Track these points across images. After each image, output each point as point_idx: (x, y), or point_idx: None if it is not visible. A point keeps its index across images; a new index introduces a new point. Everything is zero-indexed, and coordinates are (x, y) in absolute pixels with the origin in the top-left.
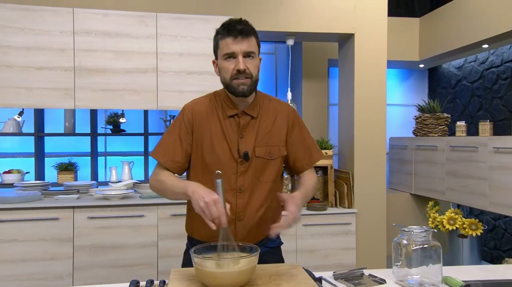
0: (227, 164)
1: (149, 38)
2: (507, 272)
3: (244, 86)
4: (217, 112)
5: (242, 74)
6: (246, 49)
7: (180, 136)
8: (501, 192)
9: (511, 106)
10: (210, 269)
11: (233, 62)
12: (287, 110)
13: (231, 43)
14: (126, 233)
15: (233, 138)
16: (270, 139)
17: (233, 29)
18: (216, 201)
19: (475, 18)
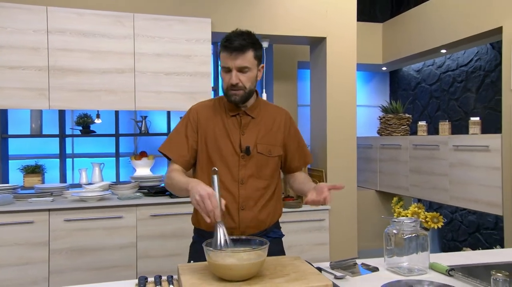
0: (230, 158)
1: (126, 38)
2: (480, 257)
3: (236, 97)
4: (220, 113)
5: (234, 87)
6: (239, 65)
7: (186, 133)
8: (460, 186)
9: (466, 107)
10: (226, 262)
11: (229, 75)
12: (284, 115)
13: (227, 58)
14: (104, 235)
15: (235, 135)
16: (269, 139)
17: (230, 45)
18: (211, 195)
19: (434, 25)
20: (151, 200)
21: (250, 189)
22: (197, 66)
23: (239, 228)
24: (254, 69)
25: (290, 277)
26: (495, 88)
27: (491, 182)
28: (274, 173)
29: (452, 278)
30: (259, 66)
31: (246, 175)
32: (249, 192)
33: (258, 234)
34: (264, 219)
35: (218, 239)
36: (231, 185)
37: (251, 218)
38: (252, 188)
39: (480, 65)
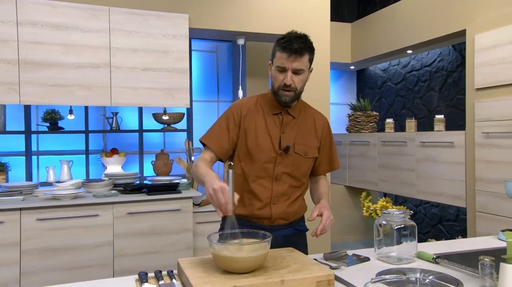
0: (267, 154)
1: (101, 32)
2: (460, 245)
3: (287, 97)
4: (263, 110)
5: (287, 87)
6: (296, 67)
7: (228, 126)
8: (426, 181)
9: (430, 105)
10: (232, 254)
11: (283, 75)
12: (323, 120)
13: (284, 59)
14: (79, 234)
15: (275, 132)
16: (307, 140)
17: (290, 47)
18: (224, 189)
19: (402, 26)
20: (128, 197)
21: (283, 185)
22: (175, 62)
23: (270, 219)
24: (307, 72)
25: (292, 268)
26: (456, 88)
27: (455, 176)
28: (306, 174)
29: (438, 265)
30: (309, 69)
31: (280, 172)
32: (282, 189)
33: (287, 225)
34: (293, 213)
35: (228, 234)
36: (266, 180)
37: (281, 211)
38: (285, 185)
39: (443, 66)
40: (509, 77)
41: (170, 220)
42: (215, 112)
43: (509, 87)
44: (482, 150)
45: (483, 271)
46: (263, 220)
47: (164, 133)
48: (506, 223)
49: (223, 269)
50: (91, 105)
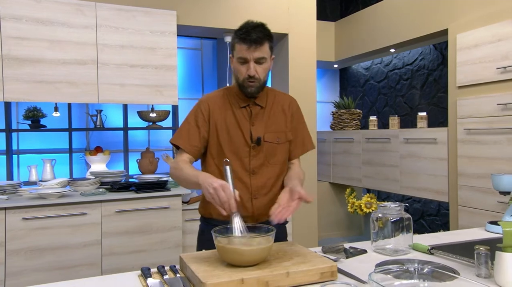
0: (241, 149)
1: (88, 28)
2: (450, 237)
3: (253, 88)
4: (230, 104)
5: (252, 78)
6: (257, 56)
7: (197, 123)
8: (410, 176)
9: (412, 103)
10: (237, 247)
11: (246, 66)
12: (290, 100)
13: (245, 50)
14: (67, 233)
15: (245, 126)
16: (277, 126)
17: (249, 38)
18: (224, 186)
19: (385, 26)
20: (116, 195)
21: (261, 178)
22: (163, 59)
23: (253, 216)
24: (269, 60)
25: (295, 261)
26: (437, 86)
27: (438, 171)
28: (285, 159)
29: (433, 256)
30: (271, 57)
31: (257, 165)
32: (261, 182)
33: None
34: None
35: (235, 230)
36: (243, 175)
37: (264, 206)
38: (264, 178)
39: (424, 64)
40: (489, 76)
41: (159, 218)
42: None
43: (490, 85)
44: (464, 146)
45: (478, 260)
46: (246, 219)
47: (148, 131)
48: (487, 216)
49: (227, 263)
50: (78, 102)
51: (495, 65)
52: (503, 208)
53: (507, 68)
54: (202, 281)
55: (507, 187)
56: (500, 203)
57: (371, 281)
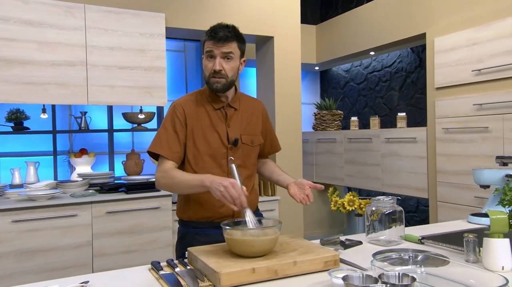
0: (218, 151)
1: (77, 30)
2: (435, 229)
3: (218, 84)
4: (204, 106)
5: (217, 73)
6: (224, 51)
7: (175, 129)
8: (391, 175)
9: (391, 104)
10: (249, 238)
11: (212, 62)
12: (261, 106)
13: (212, 45)
14: (57, 235)
15: (221, 127)
16: (251, 129)
17: (215, 35)
18: (234, 184)
19: (365, 29)
20: (107, 196)
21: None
22: (152, 60)
23: (234, 215)
24: (237, 59)
25: (300, 251)
26: (415, 87)
27: (418, 169)
28: (255, 162)
29: (424, 245)
30: (241, 59)
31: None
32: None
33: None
34: (252, 203)
35: (248, 223)
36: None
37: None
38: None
39: (402, 67)
40: (465, 77)
41: (150, 218)
42: None
43: (466, 86)
44: (442, 144)
45: (467, 246)
46: (226, 218)
47: (132, 133)
48: (465, 210)
49: (237, 254)
50: (67, 104)
51: (470, 67)
52: (479, 202)
53: (482, 71)
54: (216, 271)
55: (488, 181)
56: (477, 198)
57: (373, 266)
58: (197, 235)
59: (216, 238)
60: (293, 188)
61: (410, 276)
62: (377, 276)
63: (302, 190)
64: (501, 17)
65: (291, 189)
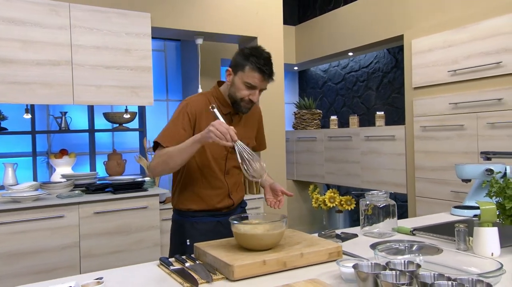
0: (219, 152)
1: (62, 29)
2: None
3: (247, 110)
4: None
5: (251, 103)
6: (264, 87)
7: (183, 125)
8: (371, 171)
9: (368, 103)
10: (258, 233)
11: (250, 91)
12: (258, 110)
13: (257, 79)
14: (44, 236)
15: None
16: (249, 133)
17: (266, 69)
18: (220, 123)
19: (344, 30)
20: (94, 197)
21: (233, 178)
22: (138, 60)
23: (232, 207)
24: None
25: (304, 244)
26: (391, 87)
27: (396, 166)
28: None
29: (416, 236)
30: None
31: (230, 166)
32: (233, 180)
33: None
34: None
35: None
36: (219, 175)
37: (239, 197)
38: (234, 177)
39: (379, 67)
40: (441, 78)
41: (137, 218)
42: (165, 111)
43: (442, 86)
44: (420, 142)
45: (458, 236)
46: (222, 210)
47: (112, 133)
48: (442, 205)
49: (245, 248)
50: (53, 104)
51: (446, 68)
52: (455, 196)
53: (457, 71)
54: (229, 264)
55: (469, 175)
56: (453, 192)
57: (377, 256)
58: (195, 223)
59: (213, 226)
60: (268, 193)
61: (415, 263)
62: (385, 264)
63: (275, 196)
64: (475, 21)
65: (266, 193)
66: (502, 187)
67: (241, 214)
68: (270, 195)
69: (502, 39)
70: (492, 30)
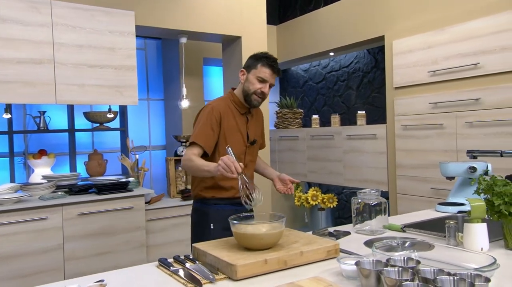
0: (240, 148)
1: (44, 26)
2: (407, 218)
3: (257, 103)
4: (233, 111)
5: (262, 95)
6: (273, 83)
7: (212, 128)
8: (353, 170)
9: (348, 103)
10: (259, 232)
11: (262, 85)
12: (262, 112)
13: (269, 74)
14: (26, 239)
15: (243, 129)
16: (256, 131)
17: (275, 66)
18: (228, 157)
19: (325, 31)
20: (78, 198)
21: (250, 170)
22: (122, 59)
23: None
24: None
25: (302, 243)
26: (371, 87)
27: (378, 164)
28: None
29: (406, 233)
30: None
31: (248, 160)
32: (250, 173)
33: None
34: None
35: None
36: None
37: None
38: (251, 170)
39: (359, 67)
40: (422, 78)
41: (122, 219)
42: (145, 110)
43: (422, 86)
44: (401, 140)
45: (449, 232)
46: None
47: (92, 132)
48: (423, 201)
49: (245, 247)
50: (35, 103)
51: (426, 68)
52: (435, 193)
53: (437, 72)
54: (232, 264)
55: (453, 173)
56: (433, 189)
57: (375, 253)
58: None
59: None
60: (278, 183)
61: (415, 259)
62: (386, 261)
63: (285, 185)
64: (454, 23)
65: (276, 184)
66: (490, 185)
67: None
68: (280, 185)
69: (479, 41)
70: (470, 32)
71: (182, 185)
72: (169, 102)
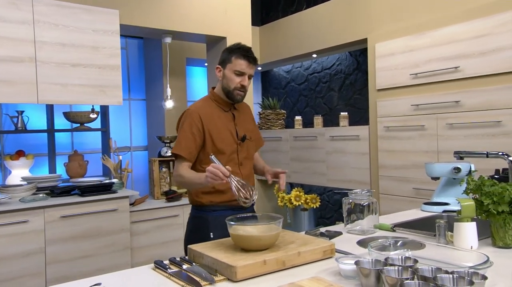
0: (231, 146)
1: (25, 24)
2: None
3: (240, 97)
4: (216, 110)
5: (243, 88)
6: (251, 73)
7: (193, 134)
8: (336, 170)
9: (330, 104)
10: (257, 233)
11: (240, 78)
12: (248, 106)
13: (245, 66)
14: (6, 243)
15: (231, 126)
16: (247, 126)
17: (249, 56)
18: (213, 165)
19: (308, 33)
20: (60, 200)
21: (246, 168)
22: (106, 58)
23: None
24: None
25: (298, 243)
26: (353, 89)
27: (361, 164)
28: (254, 154)
29: (396, 233)
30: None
31: (242, 158)
32: (247, 171)
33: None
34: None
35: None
36: (234, 168)
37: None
38: (247, 167)
39: (341, 69)
40: (403, 80)
41: (106, 221)
42: (127, 110)
43: (404, 88)
44: (384, 141)
45: (439, 231)
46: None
47: (72, 133)
48: (405, 201)
49: (242, 249)
50: (15, 103)
51: (408, 71)
52: (417, 193)
53: (418, 75)
54: (231, 265)
55: (438, 173)
56: (415, 189)
57: (370, 252)
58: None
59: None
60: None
61: (412, 259)
62: (384, 260)
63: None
64: (435, 27)
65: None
66: (478, 185)
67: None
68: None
69: (459, 45)
70: (451, 36)
71: (166, 186)
72: (151, 102)
